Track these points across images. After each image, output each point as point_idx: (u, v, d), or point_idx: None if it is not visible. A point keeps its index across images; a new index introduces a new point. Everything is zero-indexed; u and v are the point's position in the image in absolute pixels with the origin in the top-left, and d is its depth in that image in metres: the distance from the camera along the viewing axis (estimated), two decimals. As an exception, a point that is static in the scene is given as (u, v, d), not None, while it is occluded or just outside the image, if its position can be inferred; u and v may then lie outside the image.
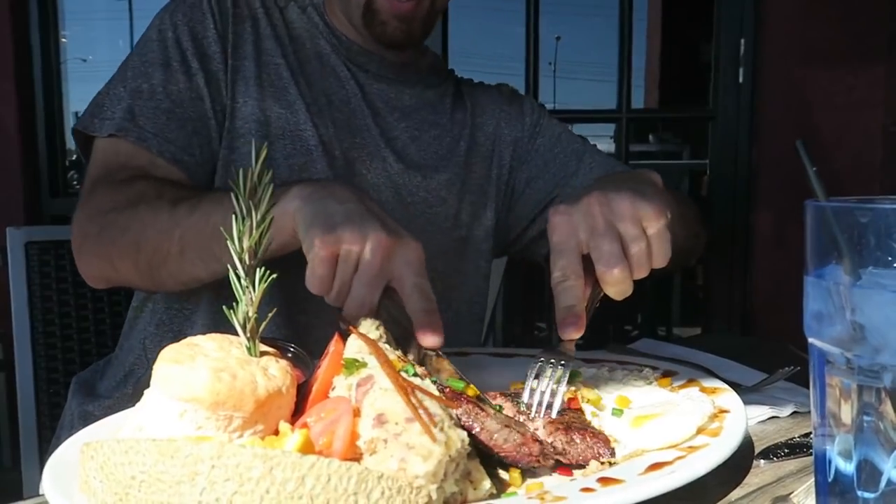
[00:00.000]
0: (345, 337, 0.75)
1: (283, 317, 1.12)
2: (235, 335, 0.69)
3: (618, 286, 0.84)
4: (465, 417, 0.67)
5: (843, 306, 0.52)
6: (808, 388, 0.57)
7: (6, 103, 2.77)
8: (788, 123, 2.77)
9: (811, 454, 0.62)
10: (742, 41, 2.78)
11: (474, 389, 0.76)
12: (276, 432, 0.64)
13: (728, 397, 0.82)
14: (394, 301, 0.83)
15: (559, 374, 0.81)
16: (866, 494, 0.52)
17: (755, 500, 0.68)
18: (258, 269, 0.68)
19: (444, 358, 0.82)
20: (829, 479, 0.55)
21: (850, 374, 0.52)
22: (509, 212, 1.41)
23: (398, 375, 0.65)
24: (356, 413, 0.62)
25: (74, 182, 3.21)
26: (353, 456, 0.60)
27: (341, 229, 0.80)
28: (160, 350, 0.66)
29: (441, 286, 0.93)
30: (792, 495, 0.67)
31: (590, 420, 0.78)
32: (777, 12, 2.75)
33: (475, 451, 0.65)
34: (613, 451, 0.72)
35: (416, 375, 0.68)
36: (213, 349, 0.66)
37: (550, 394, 0.79)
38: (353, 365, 0.69)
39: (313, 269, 0.81)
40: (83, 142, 1.19)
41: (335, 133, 1.21)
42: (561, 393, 0.79)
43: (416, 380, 0.66)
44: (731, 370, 1.07)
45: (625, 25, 2.83)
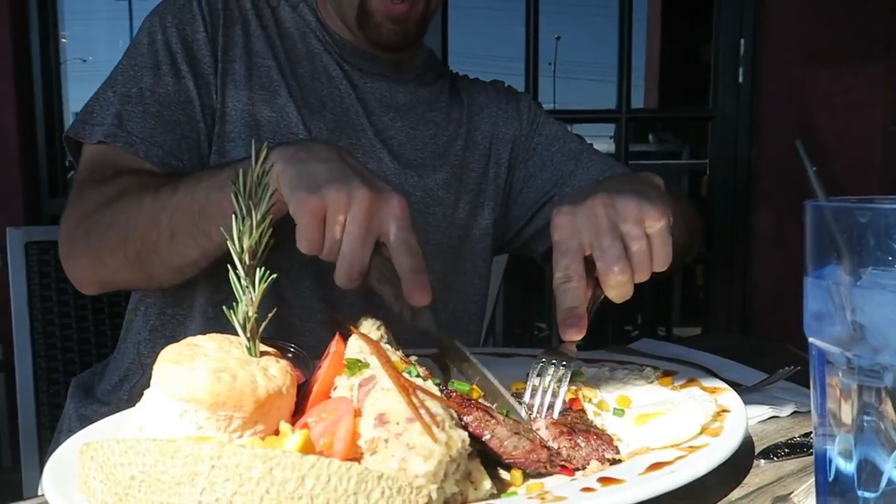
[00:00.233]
0: (345, 337, 0.75)
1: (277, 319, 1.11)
2: (235, 335, 0.69)
3: (619, 289, 0.84)
4: (475, 424, 0.67)
5: (843, 306, 0.52)
6: (808, 388, 0.57)
7: (5, 103, 2.77)
8: (788, 123, 2.77)
9: (811, 454, 0.62)
10: (742, 41, 2.78)
11: (478, 391, 0.76)
12: (277, 432, 0.64)
13: (728, 397, 0.82)
14: (384, 259, 0.82)
15: (560, 374, 0.81)
16: (867, 494, 0.52)
17: (755, 500, 0.68)
18: (258, 269, 0.68)
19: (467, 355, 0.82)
20: (830, 479, 0.55)
21: (850, 374, 0.52)
22: (507, 210, 1.40)
23: (400, 375, 0.65)
24: (357, 413, 0.62)
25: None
26: (354, 456, 0.60)
27: (325, 188, 0.79)
28: (154, 355, 0.66)
29: (438, 286, 0.93)
30: (792, 495, 0.67)
31: (592, 420, 0.78)
32: (777, 12, 2.75)
33: (476, 452, 0.65)
34: (618, 450, 0.72)
35: (417, 376, 0.68)
36: (213, 349, 0.66)
37: (552, 394, 0.79)
38: (355, 365, 0.69)
39: (302, 231, 0.80)
40: (74, 148, 1.18)
41: (328, 135, 1.20)
42: (562, 393, 0.79)
43: (418, 380, 0.66)
44: (731, 370, 1.07)
45: (625, 25, 2.83)
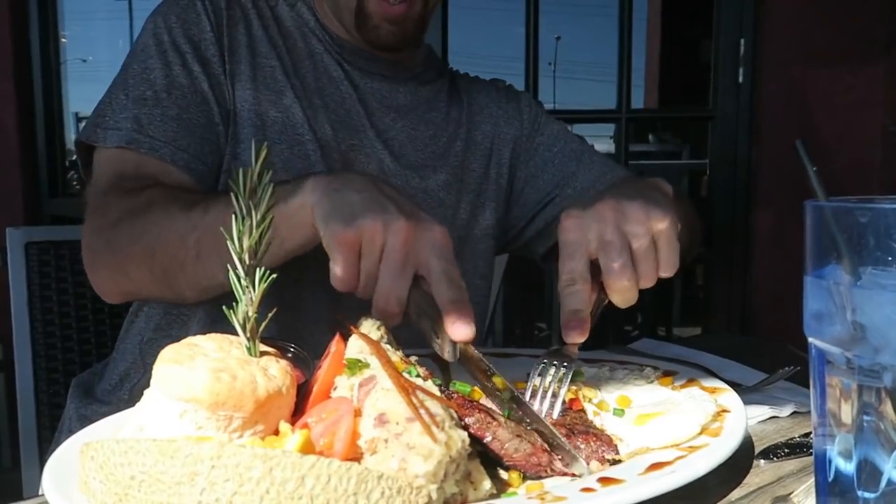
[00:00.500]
0: (346, 337, 0.75)
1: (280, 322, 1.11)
2: (235, 335, 0.69)
3: (623, 294, 0.84)
4: (476, 426, 0.67)
5: (843, 306, 0.52)
6: (808, 388, 0.57)
7: (5, 103, 2.77)
8: (788, 123, 2.77)
9: (811, 454, 0.62)
10: (742, 41, 2.78)
11: (479, 392, 0.76)
12: (277, 432, 0.64)
13: (728, 397, 0.82)
14: (423, 292, 0.77)
15: (561, 374, 0.81)
16: (866, 494, 0.52)
17: (755, 500, 0.68)
18: (258, 269, 0.68)
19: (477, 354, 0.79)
20: (830, 479, 0.55)
21: (850, 374, 0.52)
22: (508, 211, 1.40)
23: (400, 376, 0.65)
24: (357, 413, 0.62)
25: (74, 182, 3.19)
26: (354, 456, 0.60)
27: (361, 219, 0.76)
28: (156, 354, 0.65)
29: None
30: (792, 495, 0.67)
31: (592, 420, 0.78)
32: (777, 12, 2.75)
33: (475, 452, 0.65)
34: (617, 450, 0.72)
35: (417, 376, 0.68)
36: (213, 349, 0.66)
37: (552, 394, 0.79)
38: (355, 365, 0.69)
39: (336, 265, 0.78)
40: (85, 152, 1.15)
41: (333, 134, 1.20)
42: (562, 394, 0.79)
43: (419, 381, 0.66)
44: (731, 370, 1.07)
45: (625, 25, 2.83)
